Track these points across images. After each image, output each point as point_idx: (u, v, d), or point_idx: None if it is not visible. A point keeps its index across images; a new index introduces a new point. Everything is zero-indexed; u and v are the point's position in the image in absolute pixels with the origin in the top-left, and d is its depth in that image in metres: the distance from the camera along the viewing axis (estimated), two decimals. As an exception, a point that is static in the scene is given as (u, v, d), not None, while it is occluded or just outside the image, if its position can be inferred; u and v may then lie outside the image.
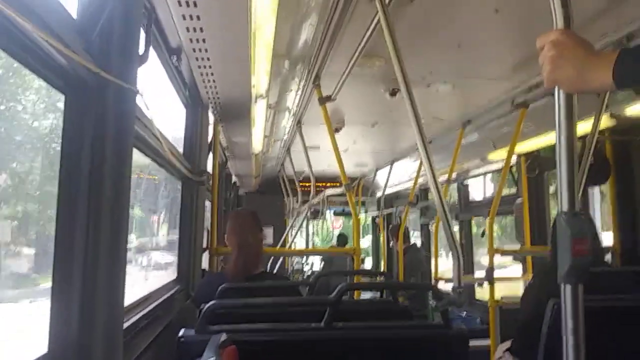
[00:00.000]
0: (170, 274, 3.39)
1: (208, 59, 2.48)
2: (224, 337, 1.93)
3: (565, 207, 1.29)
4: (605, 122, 3.64)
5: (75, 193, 1.36)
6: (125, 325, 1.77)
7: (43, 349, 1.30)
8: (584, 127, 3.38)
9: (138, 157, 2.73)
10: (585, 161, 3.35)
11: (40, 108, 1.88)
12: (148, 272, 3.94)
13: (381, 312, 2.84)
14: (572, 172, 1.30)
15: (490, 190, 7.03)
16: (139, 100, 1.64)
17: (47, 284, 1.35)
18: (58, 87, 1.33)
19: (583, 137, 3.36)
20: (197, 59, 2.48)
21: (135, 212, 3.40)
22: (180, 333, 2.11)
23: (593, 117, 3.28)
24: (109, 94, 1.39)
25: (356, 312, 2.81)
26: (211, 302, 2.18)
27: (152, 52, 2.17)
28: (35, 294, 1.75)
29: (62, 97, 1.38)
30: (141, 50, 1.61)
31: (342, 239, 10.25)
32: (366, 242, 12.49)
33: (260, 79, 2.98)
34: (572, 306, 1.29)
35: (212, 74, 2.71)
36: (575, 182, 1.30)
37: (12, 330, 1.73)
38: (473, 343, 3.60)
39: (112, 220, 1.42)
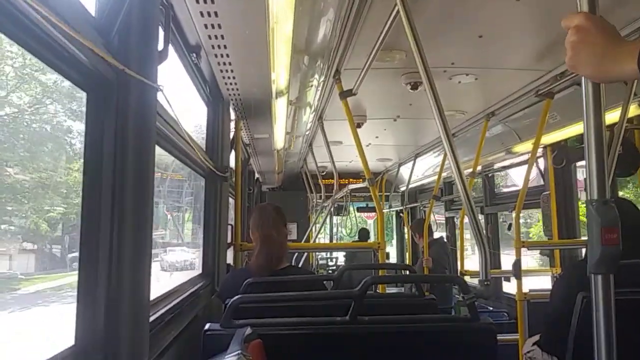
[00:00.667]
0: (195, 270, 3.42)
1: (227, 55, 2.49)
2: (249, 331, 1.94)
3: (594, 195, 1.26)
4: (634, 110, 3.55)
5: (99, 190, 1.37)
6: (151, 318, 1.79)
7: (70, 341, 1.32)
8: (611, 116, 3.31)
9: (164, 157, 2.76)
10: (614, 151, 3.28)
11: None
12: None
13: (407, 306, 2.82)
14: (602, 159, 1.27)
15: (516, 183, 6.95)
16: (160, 97, 1.66)
17: (33, 287, 1.34)
18: (79, 84, 1.34)
19: (611, 127, 3.29)
20: (216, 55, 2.48)
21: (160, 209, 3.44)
22: (206, 327, 2.13)
23: (621, 106, 3.21)
24: (130, 91, 1.40)
25: (382, 305, 2.80)
26: (236, 297, 2.19)
27: (171, 50, 2.19)
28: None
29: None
30: (160, 47, 1.62)
31: (364, 233, 10.22)
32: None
33: (280, 75, 2.98)
34: (602, 297, 1.26)
35: (232, 71, 2.72)
36: (605, 170, 1.27)
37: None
38: (501, 337, 3.57)
39: (137, 215, 1.44)
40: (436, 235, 7.61)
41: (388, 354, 2.15)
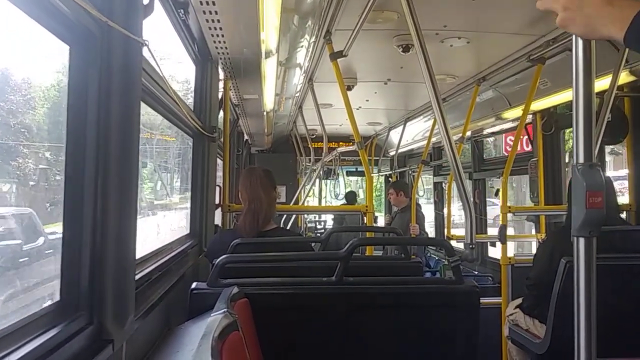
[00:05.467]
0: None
1: (216, 12, 2.43)
2: (235, 290, 1.96)
3: (581, 159, 1.26)
4: (624, 78, 3.54)
5: (82, 146, 1.35)
6: (138, 276, 1.79)
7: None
8: (602, 83, 3.30)
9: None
10: (603, 118, 3.28)
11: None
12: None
13: (393, 268, 2.86)
14: (589, 123, 1.26)
15: (505, 149, 6.96)
16: (146, 53, 1.62)
17: None
18: (62, 37, 1.30)
19: (601, 94, 3.29)
20: (204, 12, 2.43)
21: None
22: (193, 286, 2.14)
23: (612, 73, 3.20)
24: (114, 45, 1.37)
25: (368, 267, 2.83)
26: (223, 256, 2.20)
27: (158, 5, 2.13)
28: None
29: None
30: (146, 1, 1.57)
31: (351, 196, 10.25)
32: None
33: (269, 34, 2.92)
34: (585, 260, 1.27)
35: (220, 29, 2.66)
36: (593, 135, 1.27)
37: None
38: (485, 300, 3.63)
39: (122, 173, 1.42)
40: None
41: (373, 314, 2.18)
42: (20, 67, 1.66)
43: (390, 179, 9.72)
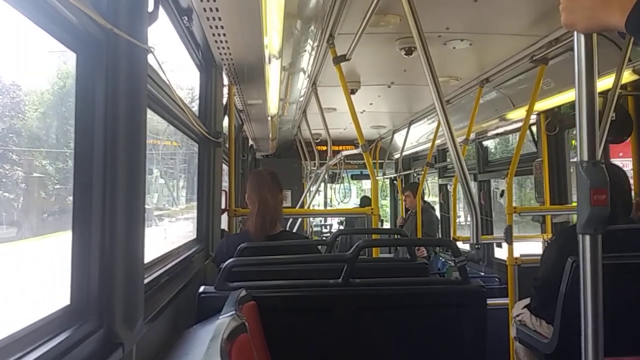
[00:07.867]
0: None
1: (219, 19, 2.45)
2: (243, 293, 1.97)
3: (584, 157, 1.27)
4: (628, 77, 3.55)
5: (90, 152, 1.37)
6: (146, 280, 1.81)
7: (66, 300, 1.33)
8: (605, 82, 3.30)
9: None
10: (607, 117, 3.28)
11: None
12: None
13: (399, 270, 2.86)
14: (593, 120, 1.27)
15: (509, 150, 6.95)
16: (151, 60, 1.64)
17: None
18: (69, 44, 1.32)
19: (604, 93, 3.29)
20: (208, 19, 2.45)
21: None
22: (201, 289, 2.16)
23: (614, 73, 3.20)
24: (120, 52, 1.38)
25: (374, 269, 2.84)
26: (230, 260, 2.22)
27: (162, 12, 2.15)
28: None
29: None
30: (150, 8, 1.59)
31: (366, 201, 10.26)
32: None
33: (272, 39, 2.94)
34: (590, 258, 1.28)
35: (224, 35, 2.68)
36: (596, 132, 1.28)
37: None
38: (492, 301, 3.61)
39: (129, 179, 1.44)
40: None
41: (379, 315, 2.19)
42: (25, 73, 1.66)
43: (395, 181, 9.72)
